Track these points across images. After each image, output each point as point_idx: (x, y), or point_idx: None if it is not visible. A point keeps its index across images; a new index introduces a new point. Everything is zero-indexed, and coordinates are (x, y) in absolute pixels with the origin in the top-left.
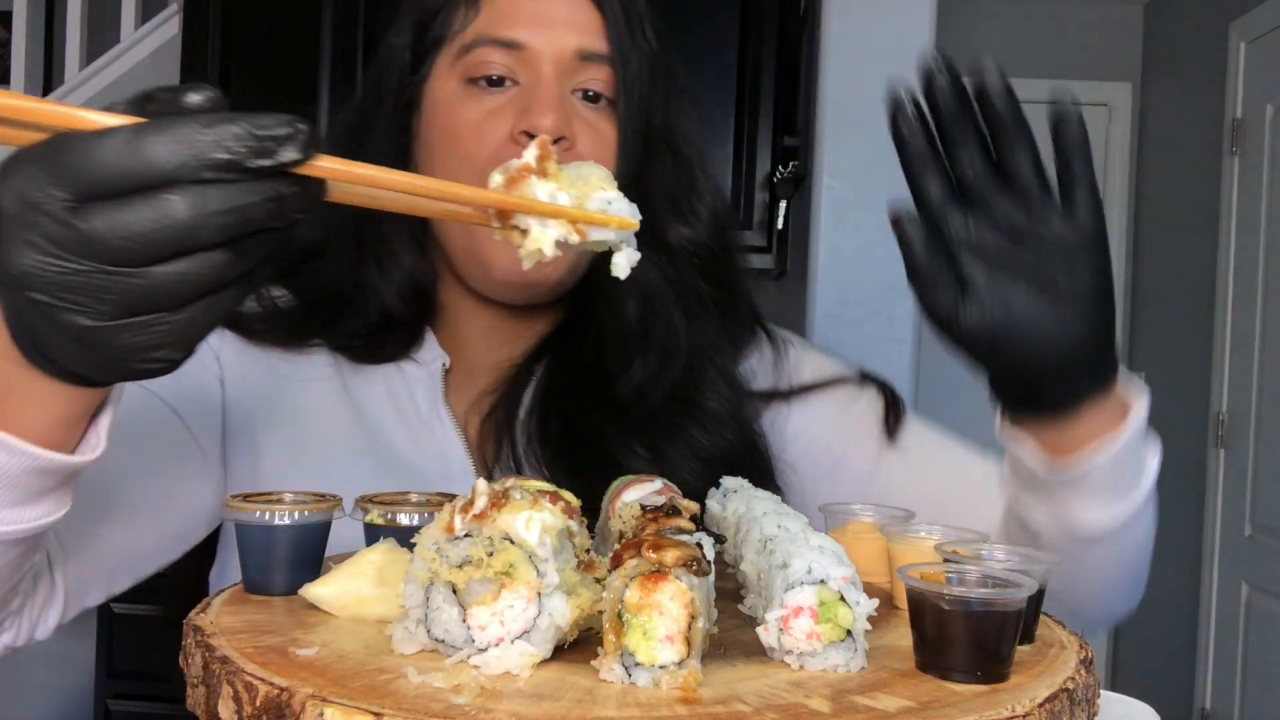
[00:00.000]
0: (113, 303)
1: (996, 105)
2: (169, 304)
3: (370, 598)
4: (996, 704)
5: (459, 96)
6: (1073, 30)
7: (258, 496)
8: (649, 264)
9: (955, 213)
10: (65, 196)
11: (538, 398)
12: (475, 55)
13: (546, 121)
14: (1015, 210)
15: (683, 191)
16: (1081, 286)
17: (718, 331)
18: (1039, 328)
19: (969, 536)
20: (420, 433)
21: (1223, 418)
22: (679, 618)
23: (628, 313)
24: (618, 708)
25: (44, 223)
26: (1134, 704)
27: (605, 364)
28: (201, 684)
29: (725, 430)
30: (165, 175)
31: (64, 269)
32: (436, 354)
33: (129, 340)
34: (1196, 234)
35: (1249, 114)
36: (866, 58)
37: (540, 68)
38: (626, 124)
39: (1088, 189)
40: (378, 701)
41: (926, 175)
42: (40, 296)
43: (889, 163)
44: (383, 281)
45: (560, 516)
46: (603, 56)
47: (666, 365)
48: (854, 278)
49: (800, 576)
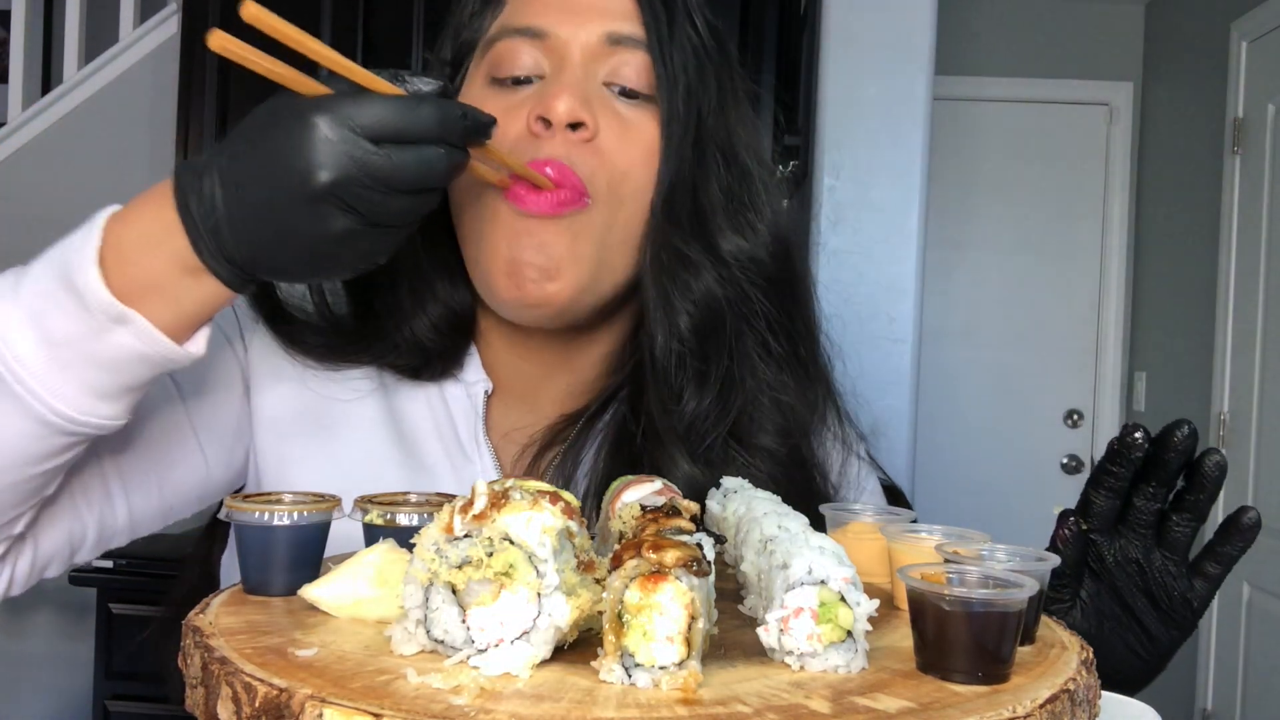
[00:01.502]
0: (371, 212)
1: (1206, 478)
2: (398, 222)
3: (369, 598)
4: (997, 705)
5: (484, 95)
6: (1073, 29)
7: (257, 497)
8: (706, 273)
9: (1108, 539)
10: (366, 133)
11: (605, 446)
12: (498, 49)
13: (560, 105)
14: (1156, 564)
15: (740, 205)
16: (1164, 646)
17: (781, 367)
18: (1118, 651)
19: (970, 537)
20: (456, 456)
21: (1224, 418)
22: (679, 618)
23: (683, 326)
24: (617, 708)
25: (354, 149)
26: (1135, 705)
27: (660, 389)
28: (200, 685)
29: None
30: (429, 133)
31: (360, 182)
32: (479, 377)
33: (363, 246)
34: (1198, 234)
35: (1250, 113)
36: (867, 57)
37: (566, 56)
38: (670, 117)
39: (1214, 586)
40: (377, 702)
41: (1108, 500)
42: (335, 198)
43: (889, 162)
44: (417, 313)
45: (560, 517)
46: (637, 41)
47: (725, 401)
48: (854, 277)
49: (801, 577)
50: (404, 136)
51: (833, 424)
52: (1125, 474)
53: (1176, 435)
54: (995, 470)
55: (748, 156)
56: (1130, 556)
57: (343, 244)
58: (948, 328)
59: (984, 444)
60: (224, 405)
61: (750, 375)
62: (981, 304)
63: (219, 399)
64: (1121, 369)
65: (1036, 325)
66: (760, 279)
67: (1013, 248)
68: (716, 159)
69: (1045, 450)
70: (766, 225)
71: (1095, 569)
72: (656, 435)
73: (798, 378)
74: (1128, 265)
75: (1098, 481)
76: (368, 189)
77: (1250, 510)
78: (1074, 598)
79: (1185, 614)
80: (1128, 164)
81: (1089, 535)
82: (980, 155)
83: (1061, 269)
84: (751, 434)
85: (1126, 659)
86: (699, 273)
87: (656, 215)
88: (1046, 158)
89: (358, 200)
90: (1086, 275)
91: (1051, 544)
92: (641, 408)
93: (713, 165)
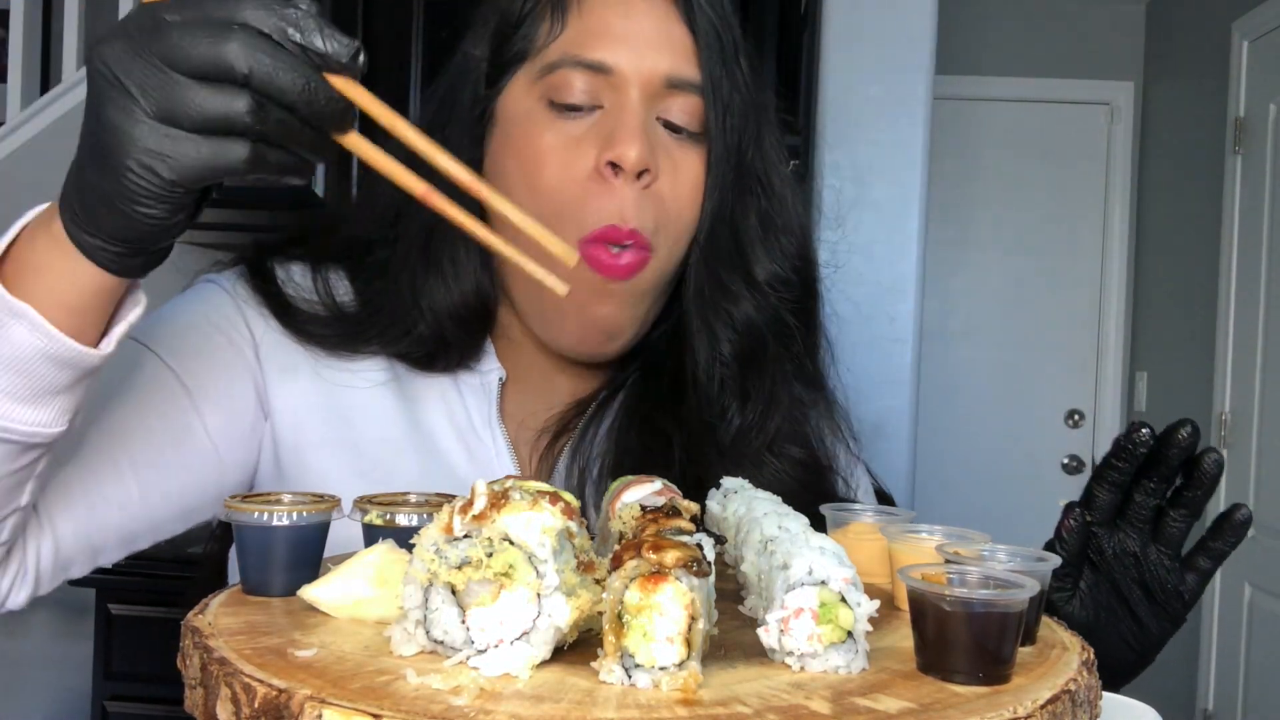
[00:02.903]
0: (158, 100)
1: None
2: (193, 121)
3: (369, 599)
4: (998, 705)
5: (539, 119)
6: (1075, 29)
7: (256, 497)
8: (745, 301)
9: (1108, 532)
10: (168, 64)
11: (617, 427)
12: (559, 76)
13: (632, 153)
14: (1151, 557)
15: (773, 228)
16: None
17: (807, 382)
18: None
19: (970, 537)
20: (472, 443)
21: (1225, 418)
22: (679, 619)
23: (725, 353)
24: (617, 709)
25: (143, 20)
26: (1136, 705)
27: (703, 408)
28: (200, 685)
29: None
30: (237, 19)
31: (142, 61)
32: (493, 366)
33: (153, 166)
34: (1199, 233)
35: (1251, 113)
36: (868, 56)
37: (627, 92)
38: (718, 158)
39: (1204, 580)
40: (376, 703)
41: (1110, 494)
42: (113, 75)
43: (890, 162)
44: (443, 299)
45: (560, 517)
46: (694, 85)
47: (767, 415)
48: (855, 277)
49: (801, 577)
50: (208, 17)
51: (825, 415)
52: (1128, 469)
53: (1180, 434)
54: (996, 470)
55: (780, 179)
56: (1128, 549)
57: (141, 155)
58: (948, 328)
59: (985, 444)
60: (236, 405)
61: (788, 392)
62: (982, 304)
63: (230, 399)
64: (1122, 369)
65: (1037, 325)
66: (790, 299)
67: (1013, 247)
68: (756, 190)
69: (1046, 450)
70: (796, 243)
71: (1094, 561)
72: (701, 451)
73: (816, 386)
74: (1129, 265)
75: (1101, 476)
76: (153, 66)
77: (1242, 508)
78: (1074, 588)
79: (1177, 606)
80: (1129, 164)
81: (1091, 527)
82: (981, 155)
83: (1062, 269)
84: (782, 444)
85: (1119, 649)
86: (739, 301)
87: (700, 249)
88: (1047, 157)
89: (143, 75)
90: (1087, 275)
91: (1056, 534)
92: (651, 389)
93: (751, 197)
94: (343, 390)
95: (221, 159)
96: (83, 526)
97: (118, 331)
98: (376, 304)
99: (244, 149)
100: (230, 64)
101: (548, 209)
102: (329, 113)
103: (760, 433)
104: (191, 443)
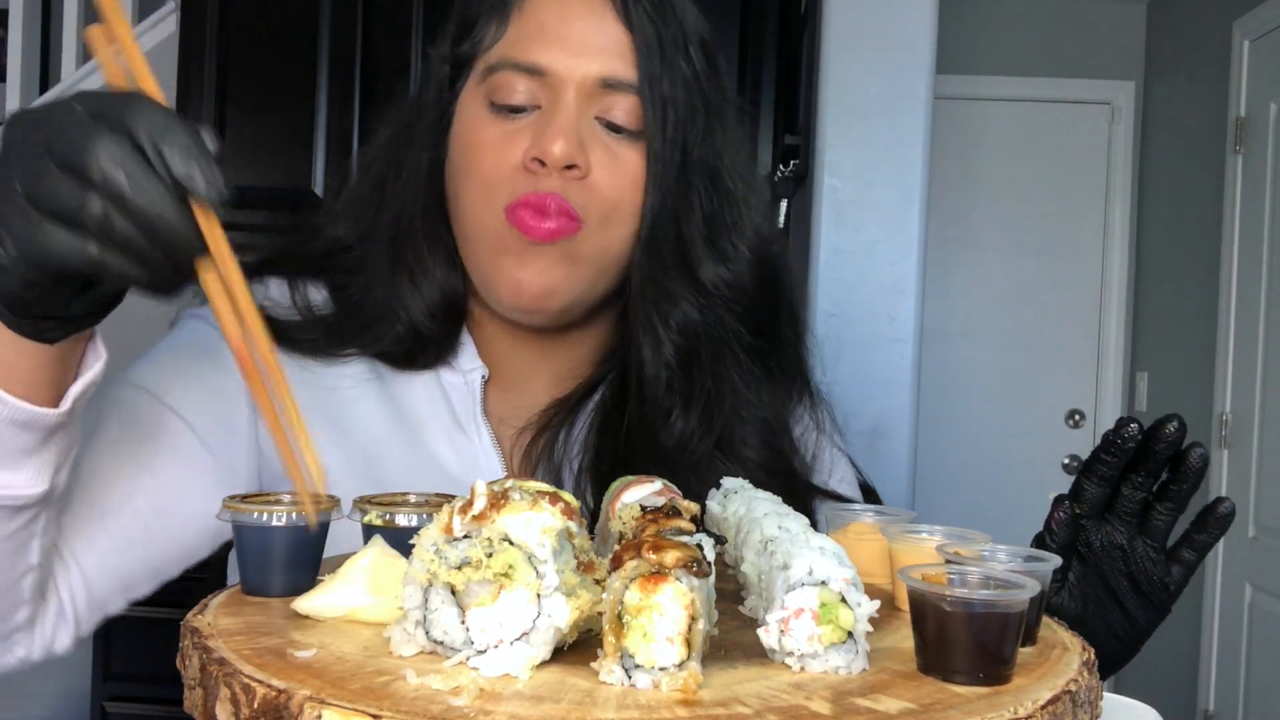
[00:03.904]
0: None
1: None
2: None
3: (364, 607)
4: (999, 706)
5: (482, 119)
6: (1075, 28)
7: (255, 497)
8: (687, 303)
9: (1096, 525)
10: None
11: (593, 427)
12: (498, 78)
13: (555, 149)
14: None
15: (722, 229)
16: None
17: (760, 382)
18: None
19: (971, 537)
20: (458, 439)
21: (1226, 418)
22: (679, 619)
23: (667, 355)
24: (617, 710)
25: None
26: (1137, 706)
27: (647, 409)
28: (199, 686)
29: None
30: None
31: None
32: (475, 364)
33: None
34: (1200, 233)
35: (1252, 112)
36: (868, 56)
37: (562, 93)
38: (655, 156)
39: (1189, 571)
40: (376, 703)
41: (1098, 488)
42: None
43: (890, 162)
44: (414, 296)
45: (560, 517)
46: (629, 85)
47: (709, 420)
48: (855, 277)
49: (801, 578)
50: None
51: (806, 405)
52: (1117, 464)
53: (1167, 429)
54: (996, 470)
55: (732, 179)
56: (1115, 542)
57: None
58: (949, 327)
59: (985, 444)
60: (234, 424)
61: (732, 393)
62: (983, 303)
63: (229, 420)
64: (1123, 369)
65: (1038, 325)
66: (741, 303)
67: (1014, 247)
68: (700, 188)
69: (1046, 450)
70: (749, 246)
71: (1083, 553)
72: (643, 452)
73: (776, 384)
74: (1129, 265)
75: (1090, 469)
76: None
77: (1226, 500)
78: (1063, 580)
79: (1163, 597)
80: (1129, 163)
81: (1079, 520)
82: (981, 154)
83: (1063, 268)
84: (735, 446)
85: (1107, 641)
86: (678, 303)
87: (641, 247)
88: (1048, 157)
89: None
90: (1088, 275)
91: (1045, 526)
92: (628, 390)
93: (696, 195)
94: (328, 393)
95: (64, 249)
96: (110, 565)
97: (74, 390)
98: (352, 306)
99: (91, 249)
100: (86, 165)
101: (479, 193)
102: (172, 241)
103: (705, 436)
104: (201, 468)
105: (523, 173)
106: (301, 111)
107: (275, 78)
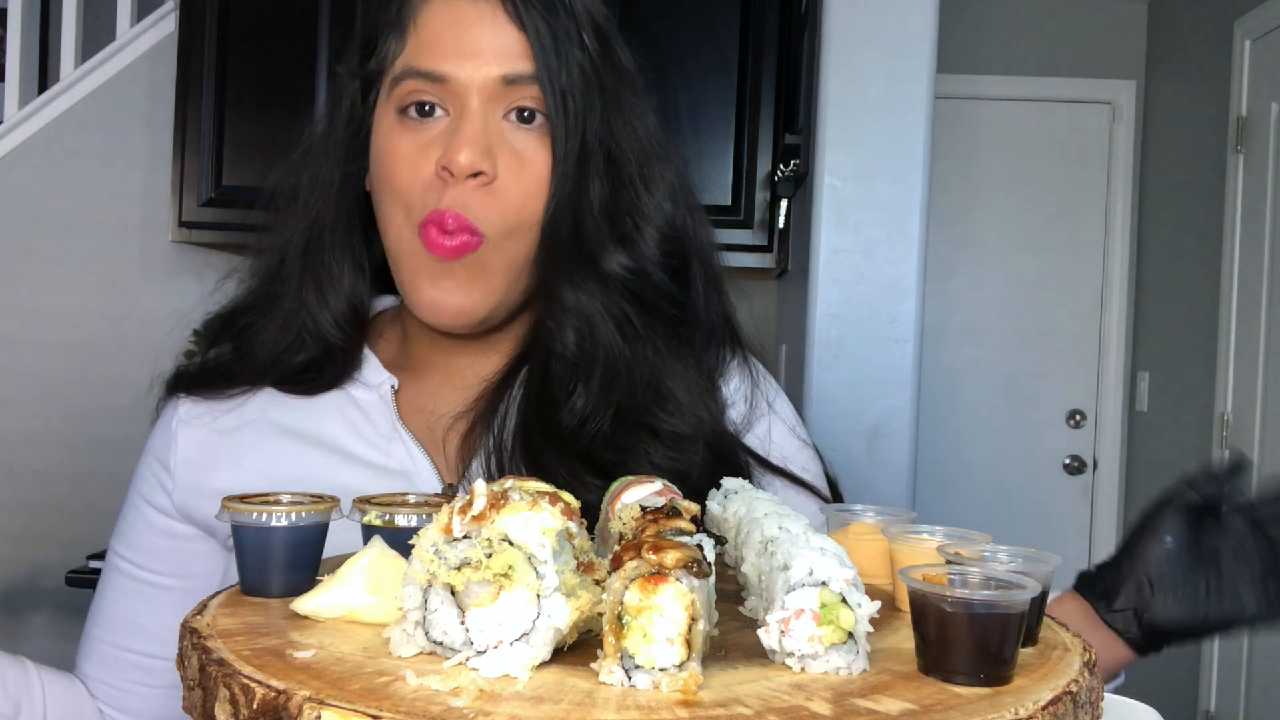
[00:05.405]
0: None
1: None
2: None
3: (363, 607)
4: (999, 707)
5: (394, 129)
6: (1076, 28)
7: (255, 498)
8: (584, 291)
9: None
10: None
11: (517, 419)
12: (404, 88)
13: (461, 158)
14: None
15: (621, 212)
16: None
17: (671, 353)
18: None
19: (971, 537)
20: (385, 449)
21: (1227, 418)
22: (679, 620)
23: (567, 341)
24: (617, 710)
25: None
26: (1138, 706)
27: (553, 390)
28: (198, 686)
29: (691, 449)
30: None
31: None
32: (382, 376)
33: None
34: (1201, 233)
35: (1254, 112)
36: (868, 56)
37: (465, 99)
38: (559, 143)
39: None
40: (375, 704)
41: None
42: None
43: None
44: (321, 308)
45: (559, 518)
46: (530, 77)
47: (608, 393)
48: (856, 277)
49: (802, 578)
50: None
51: (738, 359)
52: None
53: None
54: (997, 470)
55: (637, 165)
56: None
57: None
58: (950, 327)
59: (986, 444)
60: (189, 549)
61: (641, 365)
62: (984, 303)
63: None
64: (1124, 369)
65: (1039, 325)
66: (648, 286)
67: (1015, 247)
68: (599, 173)
69: (1047, 450)
70: (654, 227)
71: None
72: (547, 430)
73: (695, 348)
74: (1130, 264)
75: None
76: None
77: None
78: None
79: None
80: (1131, 163)
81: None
82: (982, 154)
83: (1064, 268)
84: (645, 418)
85: (1189, 600)
86: (579, 292)
87: (542, 241)
88: (1049, 156)
89: None
90: (1089, 274)
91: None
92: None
93: (594, 182)
94: (241, 430)
95: None
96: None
97: None
98: (251, 337)
99: None
100: None
101: (398, 208)
102: None
103: (601, 412)
104: (175, 597)
105: (435, 185)
106: (301, 111)
107: (275, 78)
